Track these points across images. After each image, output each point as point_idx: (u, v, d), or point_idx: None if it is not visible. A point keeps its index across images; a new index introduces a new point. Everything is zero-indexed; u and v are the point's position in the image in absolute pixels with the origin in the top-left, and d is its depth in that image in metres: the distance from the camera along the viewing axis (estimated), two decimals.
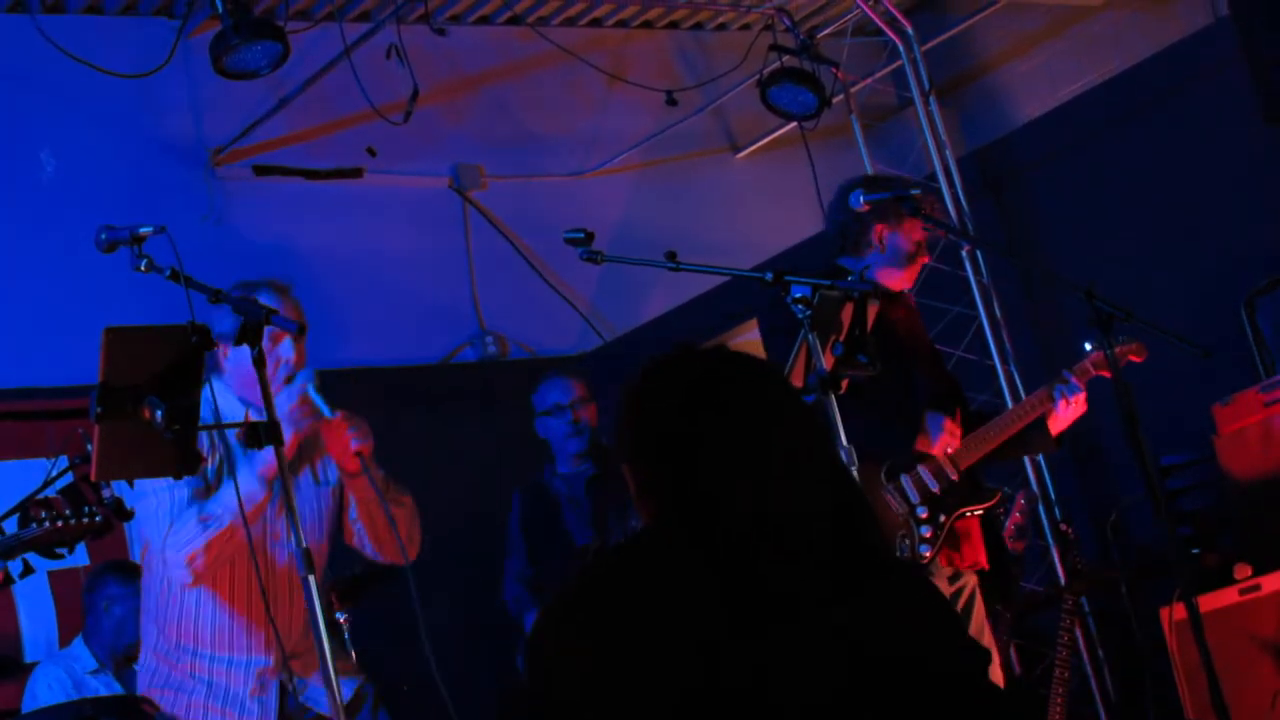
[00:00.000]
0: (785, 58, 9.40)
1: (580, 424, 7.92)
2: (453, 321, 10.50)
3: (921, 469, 6.06)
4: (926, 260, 6.41)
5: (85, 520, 5.59)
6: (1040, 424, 6.28)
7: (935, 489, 6.03)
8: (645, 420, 3.11)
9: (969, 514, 6.16)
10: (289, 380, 5.33)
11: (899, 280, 6.31)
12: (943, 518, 6.03)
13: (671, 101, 10.23)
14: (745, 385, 3.11)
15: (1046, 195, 9.18)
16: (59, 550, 5.90)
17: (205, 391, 5.22)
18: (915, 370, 6.26)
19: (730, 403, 3.06)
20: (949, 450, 6.10)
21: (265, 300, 5.18)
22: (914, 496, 6.02)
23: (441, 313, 10.46)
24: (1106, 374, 6.15)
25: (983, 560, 6.23)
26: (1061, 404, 6.21)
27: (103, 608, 7.86)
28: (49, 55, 8.68)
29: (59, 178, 8.98)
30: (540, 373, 8.31)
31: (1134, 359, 6.06)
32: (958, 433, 6.17)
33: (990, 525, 6.41)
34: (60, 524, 5.54)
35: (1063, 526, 8.29)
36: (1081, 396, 6.20)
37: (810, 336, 5.00)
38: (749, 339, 9.64)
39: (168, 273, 4.77)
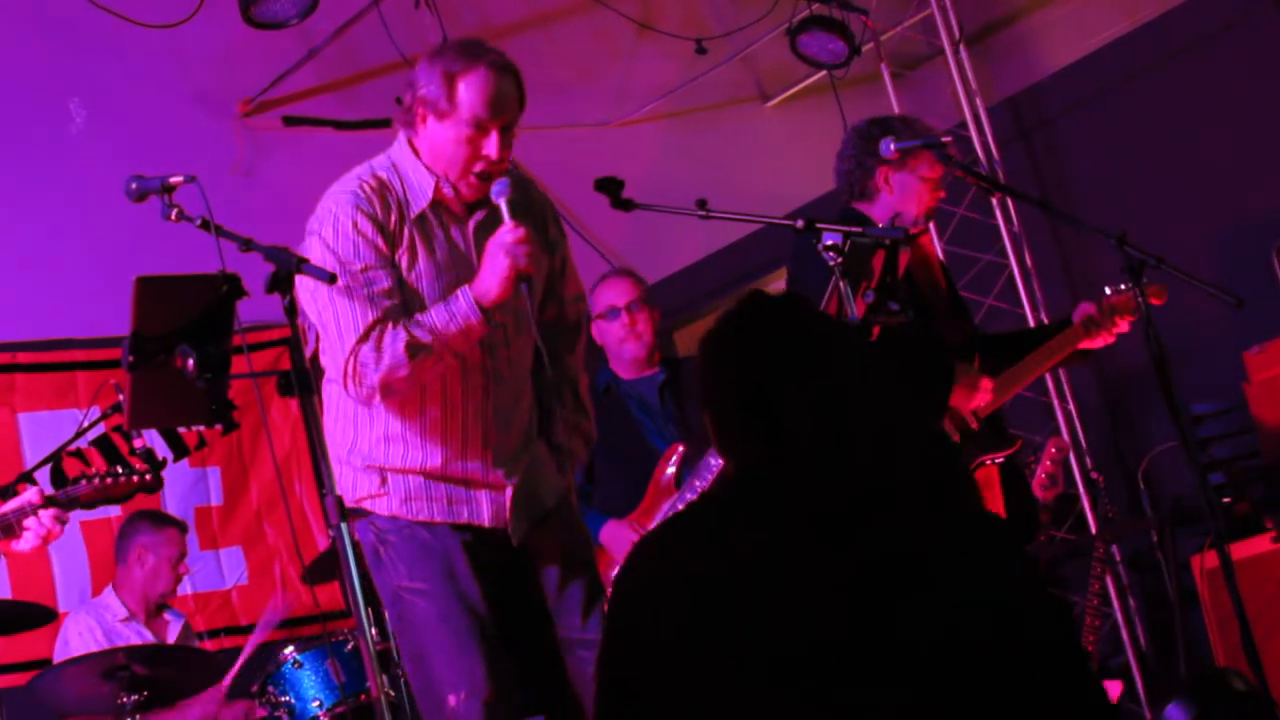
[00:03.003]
0: (814, 5, 9.37)
1: (637, 327, 7.30)
2: None
3: None
4: (941, 196, 6.36)
5: (135, 478, 5.59)
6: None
7: (953, 438, 6.01)
8: (726, 371, 3.13)
9: (988, 462, 6.14)
10: (482, 177, 4.97)
11: (912, 222, 6.23)
12: None
13: (701, 50, 10.18)
14: (824, 336, 3.12)
15: (1077, 143, 9.16)
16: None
17: (387, 164, 4.99)
18: (934, 318, 6.23)
19: (810, 353, 3.08)
20: (978, 408, 6.05)
21: None
22: None
23: None
24: (1125, 319, 6.18)
25: (1001, 511, 6.20)
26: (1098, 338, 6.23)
27: (136, 556, 7.91)
28: (77, 6, 8.66)
29: (88, 129, 8.98)
30: None
31: (1154, 301, 6.03)
32: (990, 390, 6.12)
33: (1010, 473, 6.38)
34: (110, 480, 5.54)
35: (1094, 474, 8.30)
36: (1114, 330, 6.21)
37: (841, 284, 4.98)
38: (780, 287, 9.63)
39: (198, 222, 4.76)
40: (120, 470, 5.56)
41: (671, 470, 6.91)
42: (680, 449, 6.95)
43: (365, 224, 4.94)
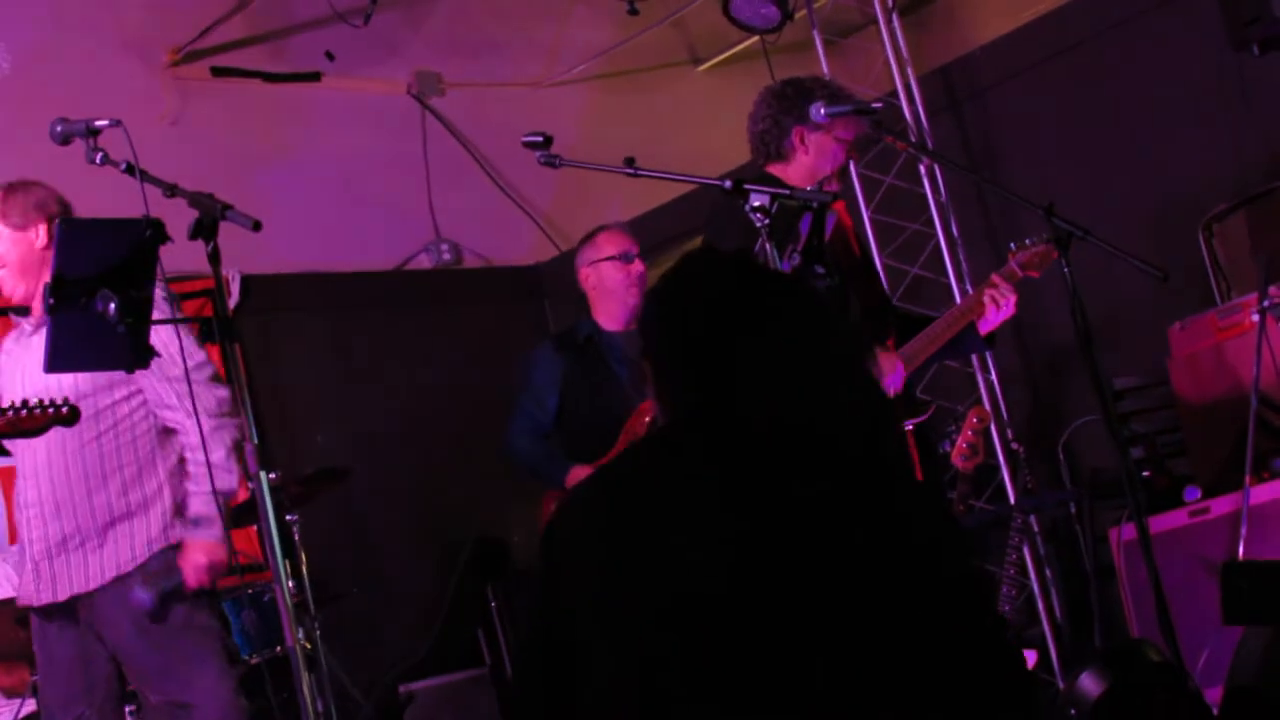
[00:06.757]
0: None
1: (641, 275, 7.34)
2: (408, 228, 10.47)
3: None
4: (855, 157, 6.36)
5: (51, 410, 5.52)
6: (971, 326, 6.32)
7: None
8: (671, 323, 3.18)
9: (907, 428, 6.17)
10: None
11: (825, 179, 6.20)
12: None
13: (633, 11, 10.15)
14: (771, 292, 3.16)
15: (1007, 115, 9.17)
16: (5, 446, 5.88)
17: None
18: (848, 282, 6.23)
19: (757, 309, 3.11)
20: (891, 394, 6.07)
21: None
22: None
23: (397, 219, 10.42)
24: (1034, 274, 6.26)
25: (918, 475, 6.23)
26: (991, 308, 6.24)
27: None
28: None
29: (14, 74, 8.89)
30: (496, 276, 7.99)
31: (1054, 254, 6.07)
32: (900, 371, 6.15)
33: (922, 439, 6.41)
34: (24, 413, 5.47)
35: (1014, 445, 8.33)
36: (1011, 300, 6.24)
37: (768, 246, 4.97)
38: None
39: (123, 166, 4.74)
40: (35, 403, 5.49)
41: (644, 426, 6.89)
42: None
43: None
